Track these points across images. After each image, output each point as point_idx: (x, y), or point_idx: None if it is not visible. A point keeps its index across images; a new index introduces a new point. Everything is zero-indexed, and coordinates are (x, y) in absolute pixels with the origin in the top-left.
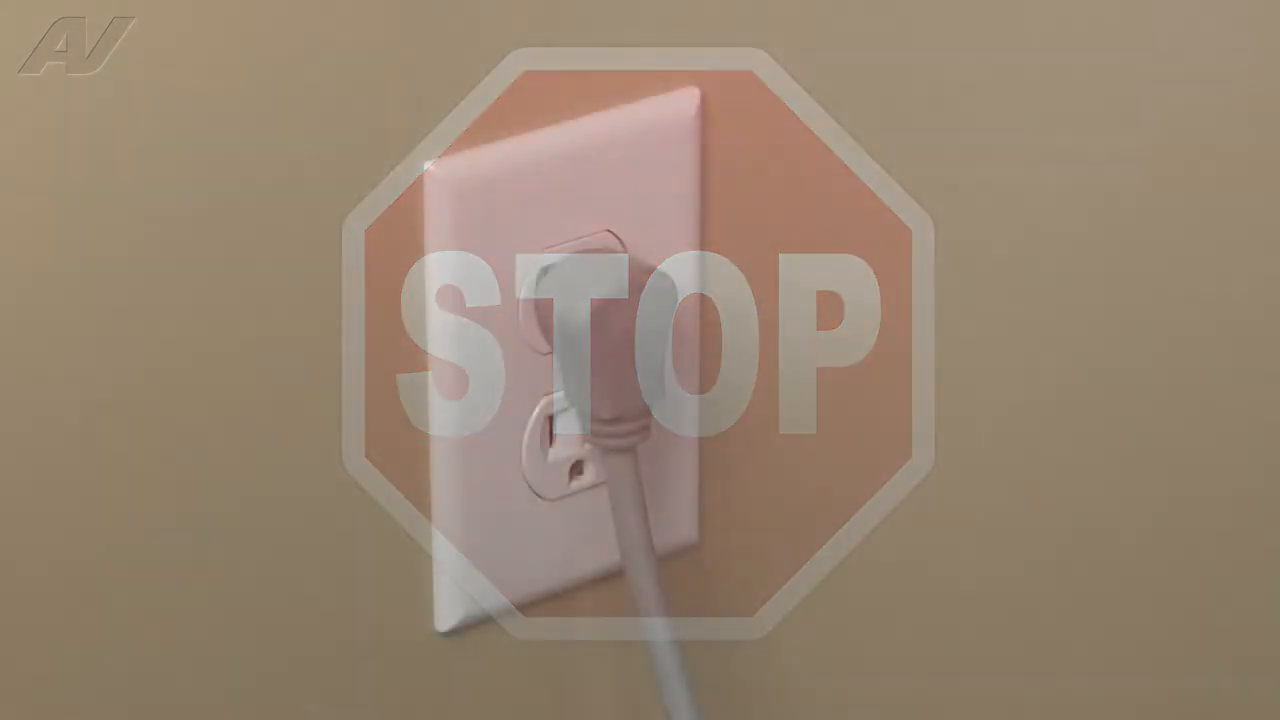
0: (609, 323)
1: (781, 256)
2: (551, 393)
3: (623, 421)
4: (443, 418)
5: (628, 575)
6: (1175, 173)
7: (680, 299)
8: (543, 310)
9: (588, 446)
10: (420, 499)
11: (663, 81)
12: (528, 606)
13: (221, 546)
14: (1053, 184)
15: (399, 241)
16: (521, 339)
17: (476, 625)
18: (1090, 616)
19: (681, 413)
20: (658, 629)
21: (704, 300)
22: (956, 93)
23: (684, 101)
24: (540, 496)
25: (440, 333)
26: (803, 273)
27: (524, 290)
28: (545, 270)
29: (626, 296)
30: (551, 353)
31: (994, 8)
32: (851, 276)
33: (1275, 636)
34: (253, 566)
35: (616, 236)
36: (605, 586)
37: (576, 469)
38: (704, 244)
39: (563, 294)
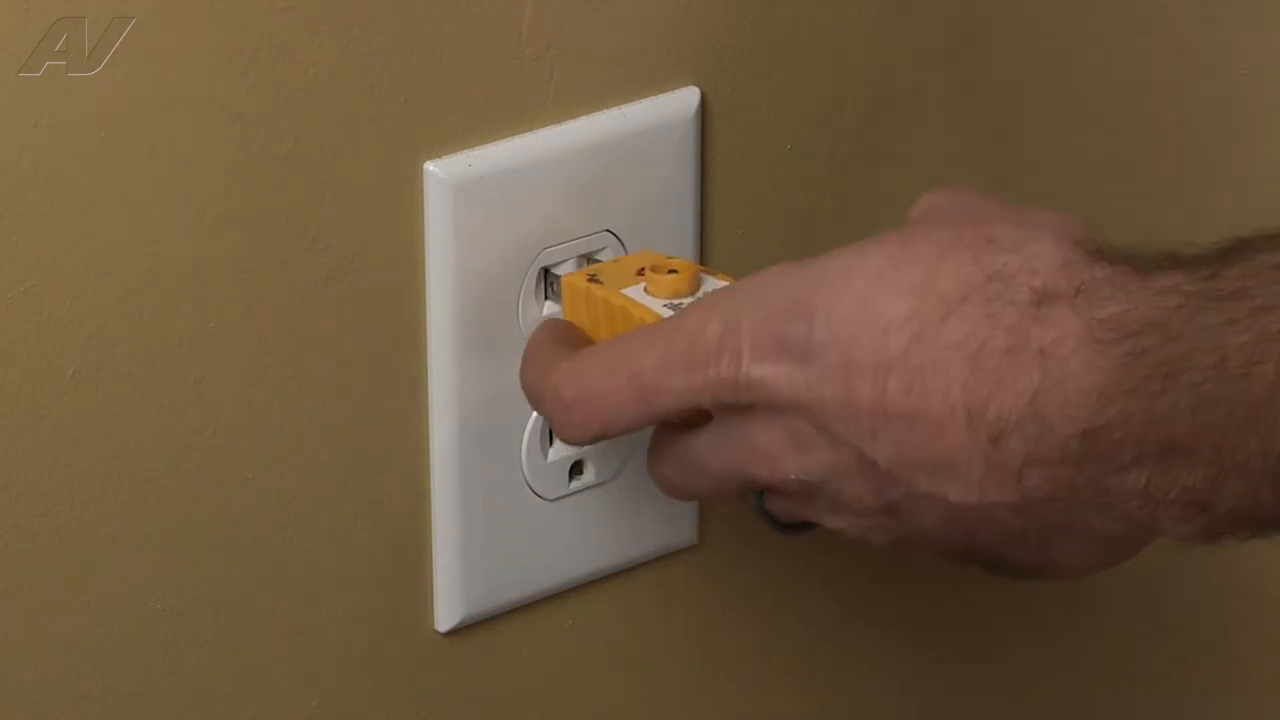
0: None
1: None
2: None
3: None
4: (443, 417)
5: None
6: None
7: None
8: None
9: None
10: (420, 499)
11: (663, 81)
12: (528, 606)
13: (222, 547)
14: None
15: (399, 241)
16: (521, 337)
17: (476, 625)
18: None
19: None
20: None
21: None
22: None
23: (684, 101)
24: (540, 496)
25: (440, 332)
26: None
27: (524, 290)
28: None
29: None
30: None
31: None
32: None
33: None
34: (253, 566)
35: (616, 236)
36: (605, 586)
37: (576, 469)
38: (703, 244)
39: None
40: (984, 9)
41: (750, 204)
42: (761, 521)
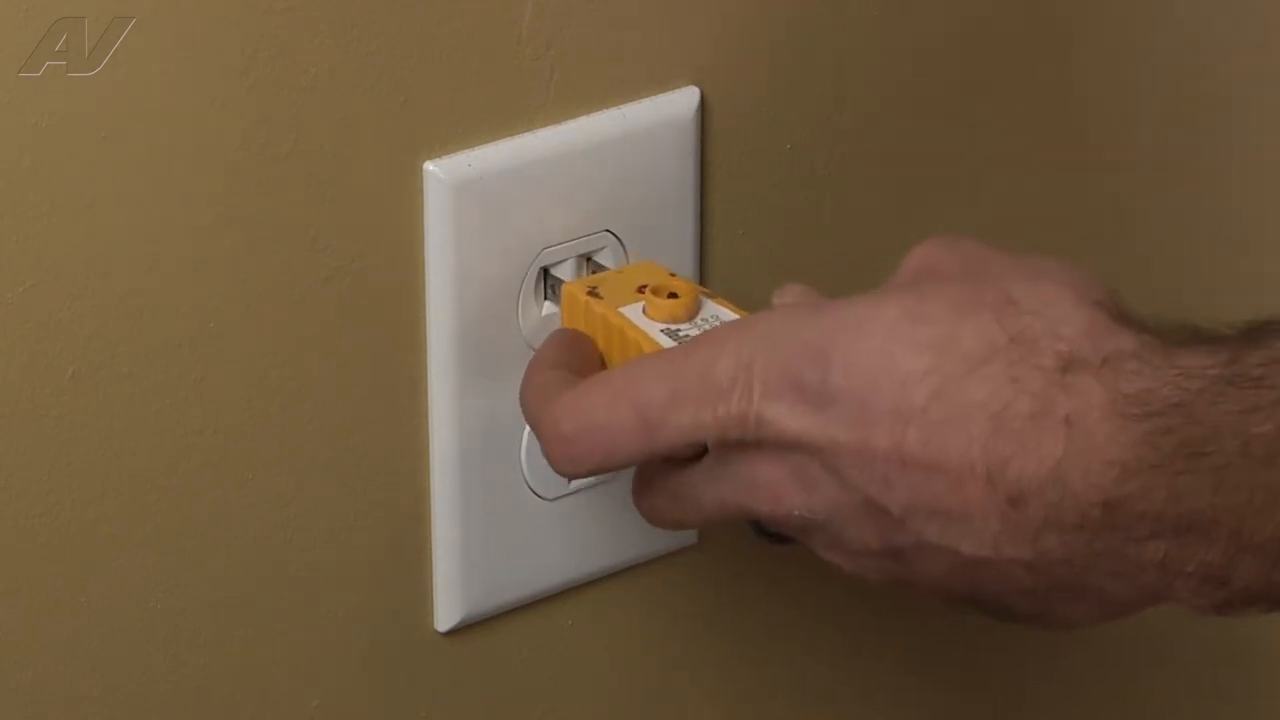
0: None
1: None
2: None
3: None
4: (443, 417)
5: None
6: None
7: None
8: None
9: None
10: (420, 499)
11: (663, 81)
12: (528, 606)
13: (222, 547)
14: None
15: (399, 241)
16: (521, 338)
17: (476, 625)
18: None
19: None
20: None
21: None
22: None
23: (684, 101)
24: (540, 496)
25: (440, 332)
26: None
27: (524, 290)
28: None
29: None
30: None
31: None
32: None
33: None
34: (253, 566)
35: (616, 236)
36: (605, 586)
37: None
38: (703, 244)
39: None
40: (984, 9)
41: (750, 204)
42: (750, 535)
